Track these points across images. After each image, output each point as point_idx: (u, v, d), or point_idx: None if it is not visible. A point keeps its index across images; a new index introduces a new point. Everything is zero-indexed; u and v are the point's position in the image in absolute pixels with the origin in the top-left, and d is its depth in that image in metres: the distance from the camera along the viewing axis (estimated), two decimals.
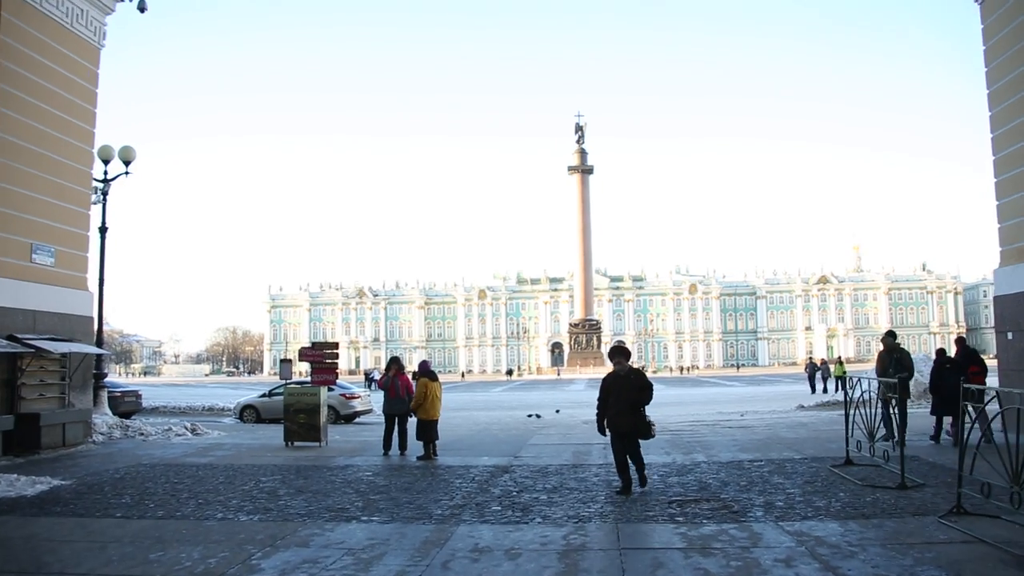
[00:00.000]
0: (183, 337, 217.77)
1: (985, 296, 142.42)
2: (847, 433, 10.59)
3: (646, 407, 9.03)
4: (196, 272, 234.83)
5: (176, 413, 29.23)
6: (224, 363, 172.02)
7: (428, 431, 12.80)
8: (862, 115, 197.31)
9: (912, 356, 13.85)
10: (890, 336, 13.29)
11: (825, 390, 35.43)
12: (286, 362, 17.06)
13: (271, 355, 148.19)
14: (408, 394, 13.25)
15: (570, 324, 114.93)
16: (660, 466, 11.06)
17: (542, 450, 13.54)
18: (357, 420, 24.05)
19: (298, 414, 14.83)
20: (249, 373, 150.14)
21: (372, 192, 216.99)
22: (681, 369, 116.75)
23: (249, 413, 25.18)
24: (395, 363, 14.02)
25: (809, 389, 36.59)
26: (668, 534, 6.99)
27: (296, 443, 14.90)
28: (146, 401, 31.95)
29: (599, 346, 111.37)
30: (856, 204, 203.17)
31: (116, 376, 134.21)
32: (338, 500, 8.98)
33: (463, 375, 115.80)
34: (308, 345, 15.77)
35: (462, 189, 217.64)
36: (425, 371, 13.15)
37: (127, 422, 18.50)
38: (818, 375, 37.64)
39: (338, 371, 15.62)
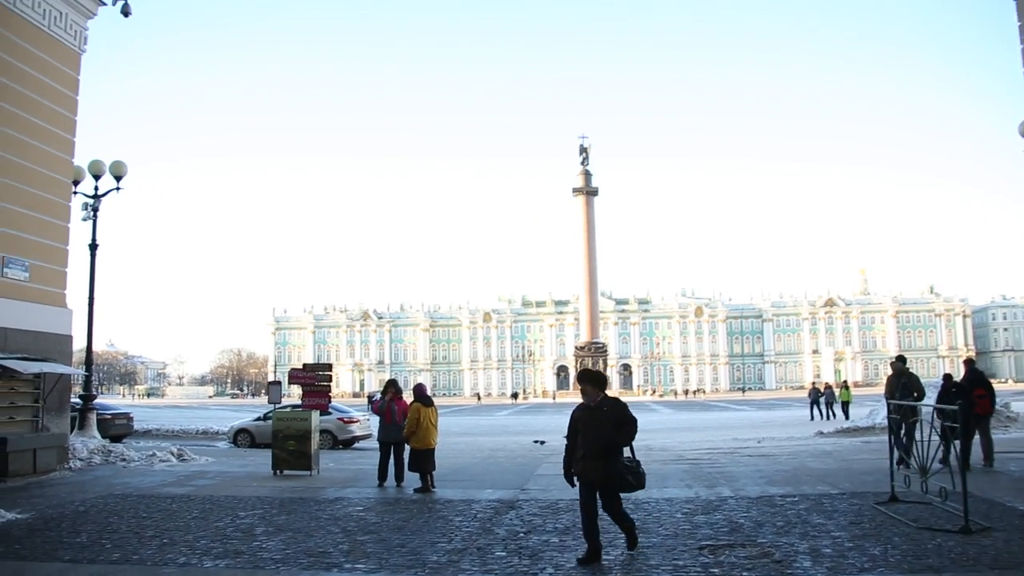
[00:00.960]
0: (188, 359, 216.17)
1: (994, 319, 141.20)
2: (891, 465, 9.50)
3: (631, 445, 6.99)
4: (202, 294, 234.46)
5: (169, 436, 28.13)
6: (228, 385, 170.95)
7: (423, 461, 11.71)
8: (868, 136, 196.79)
9: (921, 380, 13.70)
10: (900, 361, 13.48)
11: (832, 415, 33.46)
12: (275, 384, 15.90)
13: (275, 377, 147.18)
14: (405, 420, 12.18)
15: (576, 347, 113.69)
16: (683, 501, 9.96)
17: (551, 481, 12.41)
18: (356, 445, 22.99)
19: (287, 440, 13.73)
20: (253, 395, 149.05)
21: (377, 214, 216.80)
22: (686, 392, 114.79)
23: (243, 437, 24.13)
24: (392, 386, 12.96)
25: (808, 415, 34.66)
26: None
27: (285, 471, 13.79)
28: (141, 424, 30.98)
29: (605, 369, 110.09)
30: (862, 226, 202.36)
31: (120, 398, 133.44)
32: (321, 541, 7.89)
33: (479, 397, 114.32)
34: (299, 367, 14.67)
35: (467, 211, 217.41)
36: (419, 395, 12.09)
37: (111, 446, 17.44)
38: (822, 400, 35.05)
39: (330, 395, 14.52)
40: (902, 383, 12.87)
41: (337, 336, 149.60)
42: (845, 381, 42.70)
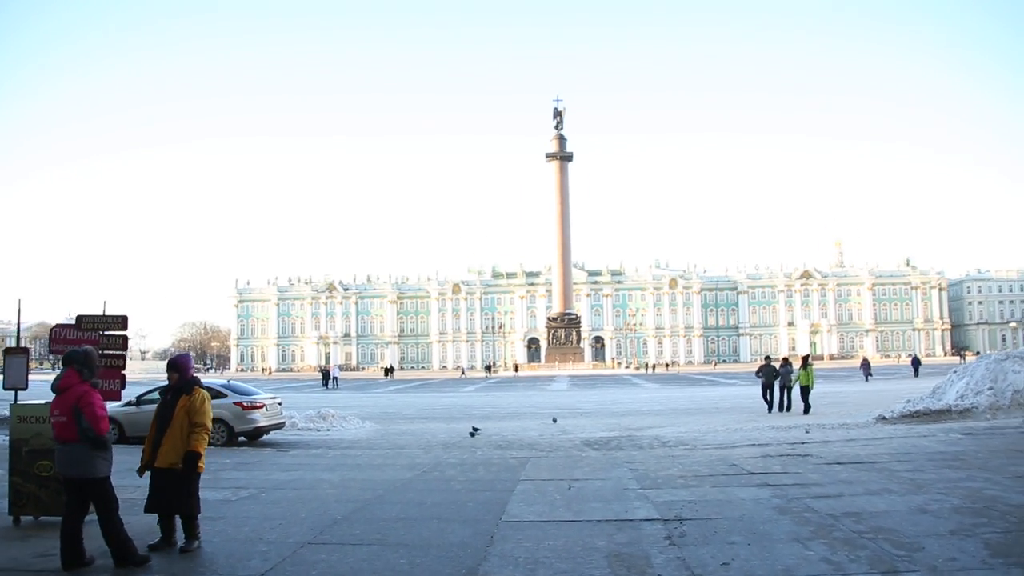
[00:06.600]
0: (150, 332, 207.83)
1: (969, 292, 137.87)
2: None
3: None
4: (167, 266, 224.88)
5: None
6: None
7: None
8: (845, 108, 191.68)
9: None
10: None
11: (783, 406, 23.23)
12: (15, 353, 8.84)
13: (238, 351, 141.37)
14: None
15: (548, 318, 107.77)
16: None
17: (535, 547, 6.21)
18: (267, 438, 17.12)
19: (38, 460, 7.26)
20: (216, 369, 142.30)
21: (344, 184, 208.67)
22: (655, 366, 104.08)
23: (111, 429, 17.81)
24: (78, 360, 6.12)
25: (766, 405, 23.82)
26: None
27: (41, 517, 7.43)
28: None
29: (578, 341, 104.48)
30: (838, 198, 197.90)
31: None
32: None
33: (490, 369, 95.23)
34: (71, 323, 8.22)
35: (436, 181, 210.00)
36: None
37: None
38: (777, 382, 23.69)
39: (124, 371, 8.11)
40: None
41: (302, 308, 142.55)
42: (806, 356, 25.52)
